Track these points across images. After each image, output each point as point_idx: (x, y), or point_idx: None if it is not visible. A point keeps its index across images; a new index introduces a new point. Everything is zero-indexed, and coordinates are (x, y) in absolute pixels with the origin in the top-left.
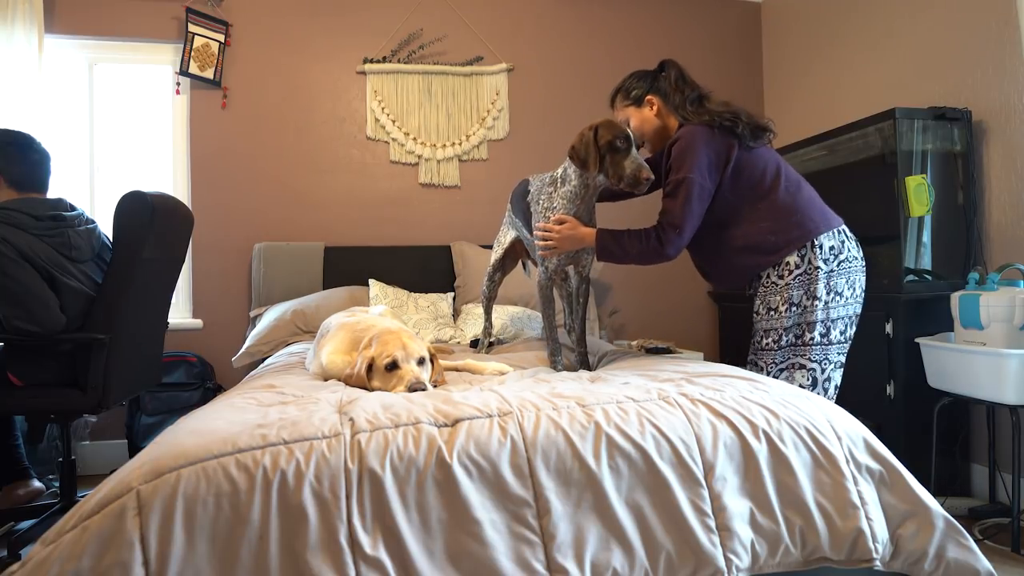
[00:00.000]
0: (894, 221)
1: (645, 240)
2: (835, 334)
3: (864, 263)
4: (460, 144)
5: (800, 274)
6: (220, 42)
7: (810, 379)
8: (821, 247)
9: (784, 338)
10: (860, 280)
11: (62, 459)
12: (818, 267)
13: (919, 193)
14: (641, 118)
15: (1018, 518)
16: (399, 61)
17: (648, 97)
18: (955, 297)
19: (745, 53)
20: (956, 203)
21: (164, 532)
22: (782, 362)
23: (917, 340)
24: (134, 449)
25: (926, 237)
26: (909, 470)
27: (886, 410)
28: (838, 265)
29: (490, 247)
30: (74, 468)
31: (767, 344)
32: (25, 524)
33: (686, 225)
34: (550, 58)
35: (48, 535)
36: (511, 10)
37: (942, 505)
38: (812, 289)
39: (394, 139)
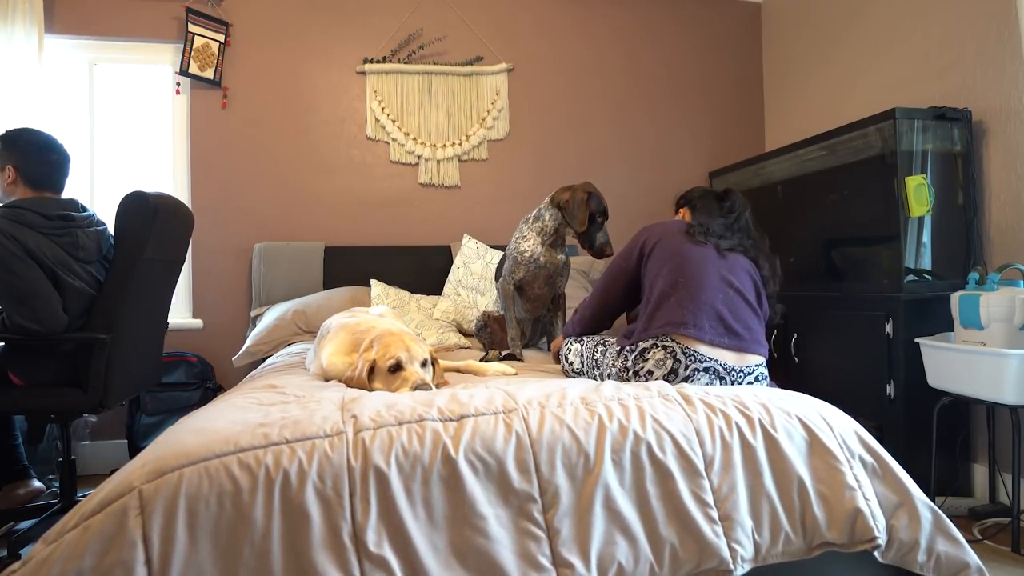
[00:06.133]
0: (894, 221)
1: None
2: None
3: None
4: (460, 144)
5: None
6: (220, 42)
7: None
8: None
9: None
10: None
11: (62, 459)
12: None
13: (919, 193)
14: None
15: (1018, 518)
16: (399, 61)
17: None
18: (955, 297)
19: (745, 53)
20: (956, 203)
21: (166, 531)
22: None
23: (917, 340)
24: (134, 449)
25: (926, 237)
26: (909, 470)
27: (886, 410)
28: None
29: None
30: (74, 468)
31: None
32: (25, 524)
33: None
34: (550, 58)
35: (49, 534)
36: (511, 10)
37: (942, 505)
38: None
39: (394, 139)
